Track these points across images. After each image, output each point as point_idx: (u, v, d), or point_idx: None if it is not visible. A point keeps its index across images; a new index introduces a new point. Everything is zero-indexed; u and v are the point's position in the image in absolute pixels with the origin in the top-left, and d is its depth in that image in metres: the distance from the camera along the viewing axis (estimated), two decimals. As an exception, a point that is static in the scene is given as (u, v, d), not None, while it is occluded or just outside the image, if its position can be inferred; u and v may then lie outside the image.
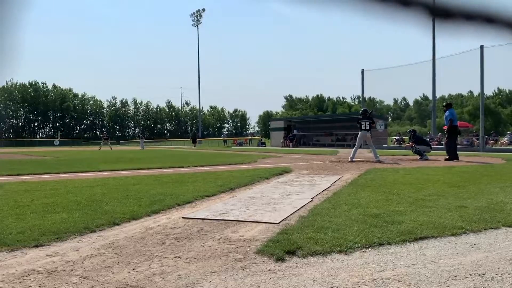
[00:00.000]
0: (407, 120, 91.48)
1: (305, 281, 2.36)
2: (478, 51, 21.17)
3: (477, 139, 25.91)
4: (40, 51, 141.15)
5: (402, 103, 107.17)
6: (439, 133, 32.22)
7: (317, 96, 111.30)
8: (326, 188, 6.47)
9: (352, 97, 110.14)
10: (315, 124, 41.97)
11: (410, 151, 15.02)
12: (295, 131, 39.88)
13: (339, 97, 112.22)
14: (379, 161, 12.80)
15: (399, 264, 2.65)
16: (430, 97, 34.49)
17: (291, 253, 2.87)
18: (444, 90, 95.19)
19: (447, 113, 13.77)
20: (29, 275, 2.50)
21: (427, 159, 13.91)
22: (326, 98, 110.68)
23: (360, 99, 35.86)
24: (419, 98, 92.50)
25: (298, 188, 6.55)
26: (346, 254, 2.87)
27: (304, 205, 4.85)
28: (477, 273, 2.48)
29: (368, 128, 13.50)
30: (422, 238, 3.26)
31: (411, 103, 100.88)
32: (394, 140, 35.21)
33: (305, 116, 68.58)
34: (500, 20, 0.82)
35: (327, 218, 3.94)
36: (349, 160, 13.30)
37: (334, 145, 34.63)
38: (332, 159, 14.89)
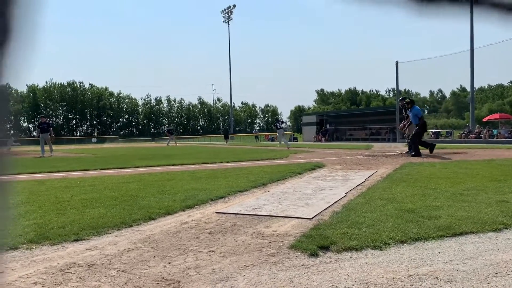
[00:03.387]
0: (444, 113, 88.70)
1: (339, 277, 2.34)
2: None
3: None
4: (77, 52, 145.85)
5: (439, 95, 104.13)
6: (477, 125, 31.17)
7: (350, 89, 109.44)
8: (360, 183, 6.38)
9: (387, 90, 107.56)
10: (348, 118, 41.41)
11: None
12: (327, 126, 39.53)
13: (372, 90, 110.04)
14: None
15: (436, 260, 2.59)
16: (468, 89, 33.36)
17: (325, 248, 2.86)
18: (483, 80, 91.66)
19: (416, 110, 12.94)
20: (70, 268, 2.59)
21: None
22: (360, 92, 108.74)
23: (395, 91, 35.12)
24: (456, 90, 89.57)
25: (331, 183, 6.49)
26: (381, 250, 2.82)
27: (337, 200, 4.81)
28: (519, 270, 2.39)
29: (282, 127, 23.56)
30: (461, 234, 3.17)
31: (447, 95, 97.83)
32: (431, 133, 34.30)
33: (338, 110, 67.74)
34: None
35: (361, 214, 3.89)
36: (288, 148, 19.88)
37: (368, 139, 34.12)
38: (366, 153, 14.66)
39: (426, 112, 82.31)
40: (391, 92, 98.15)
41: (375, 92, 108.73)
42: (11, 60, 0.49)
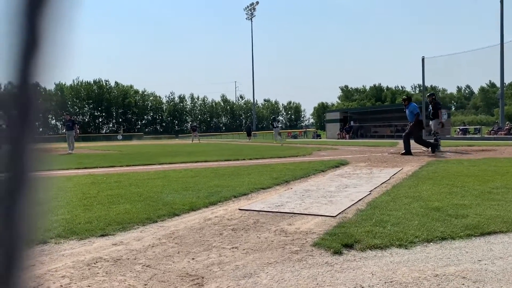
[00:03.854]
0: (472, 109, 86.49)
1: (363, 275, 2.32)
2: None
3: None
4: (103, 51, 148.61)
5: (466, 91, 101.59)
6: (507, 122, 30.27)
7: (375, 86, 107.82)
8: (385, 180, 6.30)
9: (413, 86, 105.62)
10: (373, 115, 40.80)
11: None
12: (351, 123, 39.09)
13: (398, 86, 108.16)
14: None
15: (464, 260, 2.53)
16: (498, 84, 32.42)
17: (349, 246, 2.83)
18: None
19: (412, 107, 12.76)
20: (96, 262, 2.65)
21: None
22: (385, 88, 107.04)
23: (421, 87, 34.46)
24: (485, 86, 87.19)
25: (355, 180, 6.42)
26: (406, 249, 2.78)
27: (362, 198, 4.76)
28: (552, 272, 2.31)
29: (278, 126, 27.61)
30: (489, 233, 3.09)
31: (476, 91, 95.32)
32: (458, 130, 33.53)
33: (362, 107, 66.78)
34: None
35: (386, 212, 3.84)
36: (281, 145, 22.34)
37: (393, 137, 33.55)
38: (392, 151, 14.43)
39: (453, 109, 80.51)
40: (417, 88, 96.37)
41: (401, 88, 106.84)
42: (44, 60, 0.50)
